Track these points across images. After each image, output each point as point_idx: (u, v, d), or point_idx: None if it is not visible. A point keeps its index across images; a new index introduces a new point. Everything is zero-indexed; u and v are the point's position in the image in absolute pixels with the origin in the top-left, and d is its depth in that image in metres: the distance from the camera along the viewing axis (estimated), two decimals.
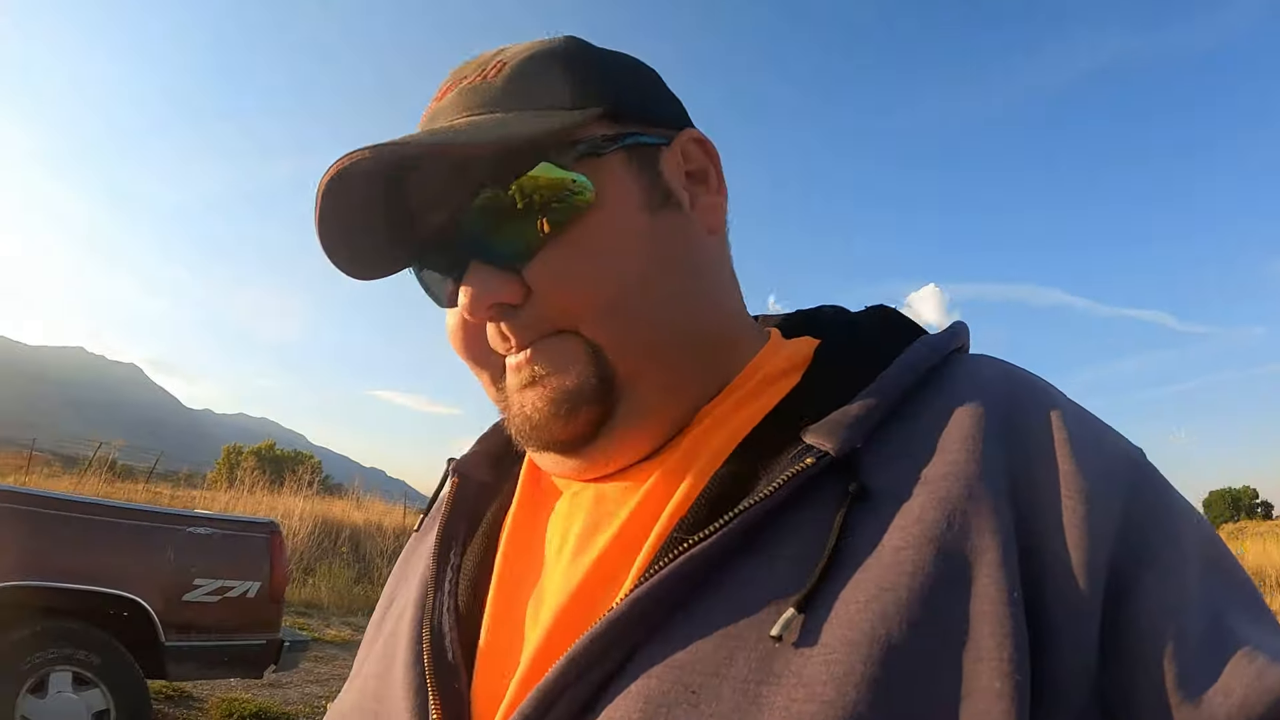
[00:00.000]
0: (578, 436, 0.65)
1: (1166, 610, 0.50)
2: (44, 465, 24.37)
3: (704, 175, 0.73)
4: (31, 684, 4.68)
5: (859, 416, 0.58)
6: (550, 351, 0.64)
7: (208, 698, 7.18)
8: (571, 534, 0.66)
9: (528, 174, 0.62)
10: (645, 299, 0.65)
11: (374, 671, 0.71)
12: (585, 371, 0.64)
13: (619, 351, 0.64)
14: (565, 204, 0.62)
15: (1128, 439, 0.62)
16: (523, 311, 0.64)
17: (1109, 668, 0.49)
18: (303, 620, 11.99)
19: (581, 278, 0.63)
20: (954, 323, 0.70)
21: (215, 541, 5.61)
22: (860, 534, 0.54)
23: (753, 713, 0.49)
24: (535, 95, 0.66)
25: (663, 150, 0.70)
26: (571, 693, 0.54)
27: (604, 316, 0.63)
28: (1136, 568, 0.52)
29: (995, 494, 0.54)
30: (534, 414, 0.65)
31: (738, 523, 0.55)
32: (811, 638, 0.50)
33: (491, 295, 0.63)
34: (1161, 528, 0.54)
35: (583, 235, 0.63)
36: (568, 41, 0.70)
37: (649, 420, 0.66)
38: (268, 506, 16.39)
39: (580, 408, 0.64)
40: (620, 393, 0.65)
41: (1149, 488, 0.57)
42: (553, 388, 0.64)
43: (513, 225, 0.63)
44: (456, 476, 0.79)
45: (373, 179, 0.64)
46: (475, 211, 0.63)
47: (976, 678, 0.47)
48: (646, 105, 0.71)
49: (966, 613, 0.49)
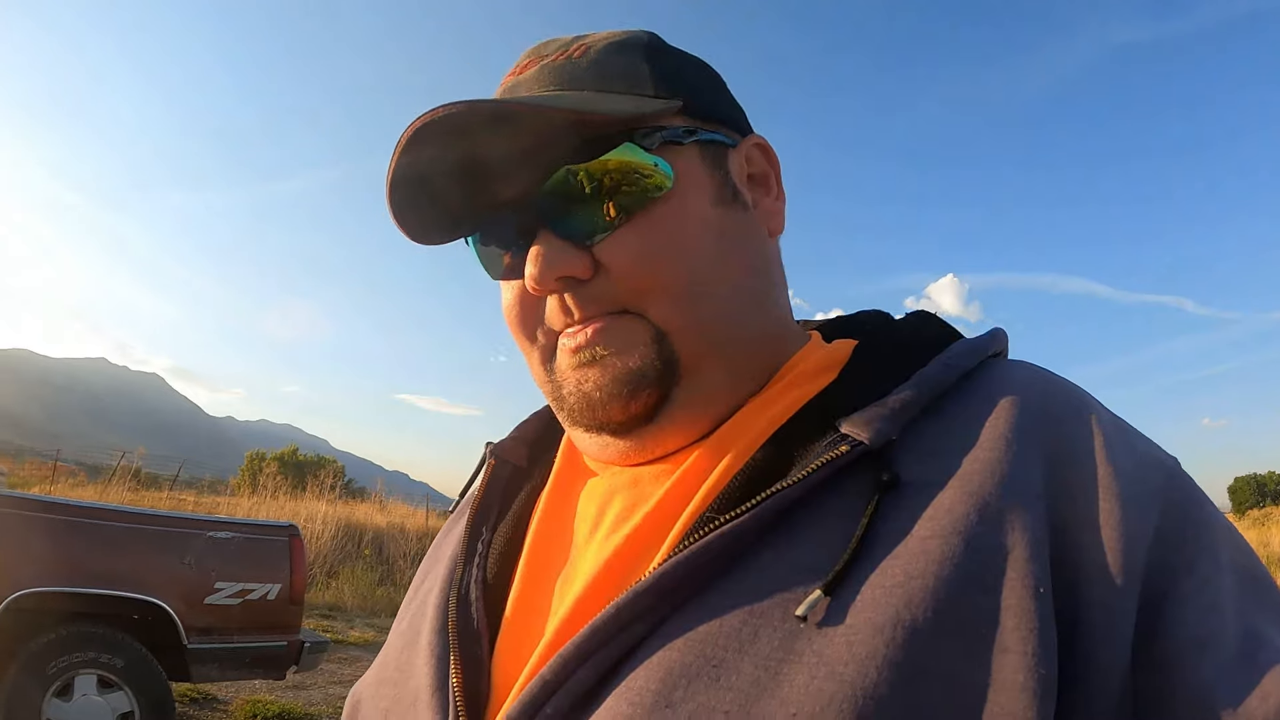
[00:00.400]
0: (634, 418, 0.66)
1: (1203, 617, 0.50)
2: (69, 475, 24.56)
3: (765, 180, 0.75)
4: (57, 687, 4.76)
5: (895, 409, 0.59)
6: (615, 331, 0.65)
7: (232, 699, 7.24)
8: (607, 513, 0.67)
9: (610, 154, 0.63)
10: (712, 288, 0.66)
11: (399, 643, 0.73)
12: (649, 354, 0.64)
13: (683, 337, 0.65)
14: (644, 187, 0.64)
15: (1162, 448, 0.62)
16: (590, 286, 0.65)
17: (1142, 670, 0.50)
18: (326, 622, 12.06)
19: (654, 259, 0.64)
20: (993, 328, 0.71)
21: (236, 545, 5.65)
22: (890, 522, 0.54)
23: (772, 688, 0.49)
24: (619, 80, 0.67)
25: (730, 151, 0.72)
26: (594, 660, 0.55)
27: (673, 301, 0.64)
28: (1173, 574, 0.52)
29: (1028, 492, 0.54)
30: (594, 392, 0.65)
31: (769, 504, 0.55)
32: (836, 619, 0.51)
33: (562, 267, 0.64)
34: (1197, 536, 0.55)
35: (658, 219, 0.64)
36: (649, 35, 0.72)
37: (703, 408, 0.67)
38: (290, 511, 16.45)
39: (641, 390, 0.64)
40: (680, 378, 0.65)
41: (1185, 496, 0.57)
42: (616, 367, 0.64)
43: (589, 202, 0.64)
44: (493, 459, 0.81)
45: (454, 137, 0.63)
46: (553, 186, 0.64)
47: (1001, 670, 0.48)
48: (718, 106, 0.72)
49: (994, 605, 0.50)
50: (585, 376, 0.66)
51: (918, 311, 0.76)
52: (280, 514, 15.55)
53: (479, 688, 0.62)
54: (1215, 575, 0.53)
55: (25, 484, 18.23)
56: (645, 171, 0.64)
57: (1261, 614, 0.53)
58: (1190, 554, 0.53)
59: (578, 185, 0.64)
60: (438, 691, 0.63)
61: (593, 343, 0.65)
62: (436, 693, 0.63)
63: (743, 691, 0.50)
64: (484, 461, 0.82)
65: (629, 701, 0.52)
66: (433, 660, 0.65)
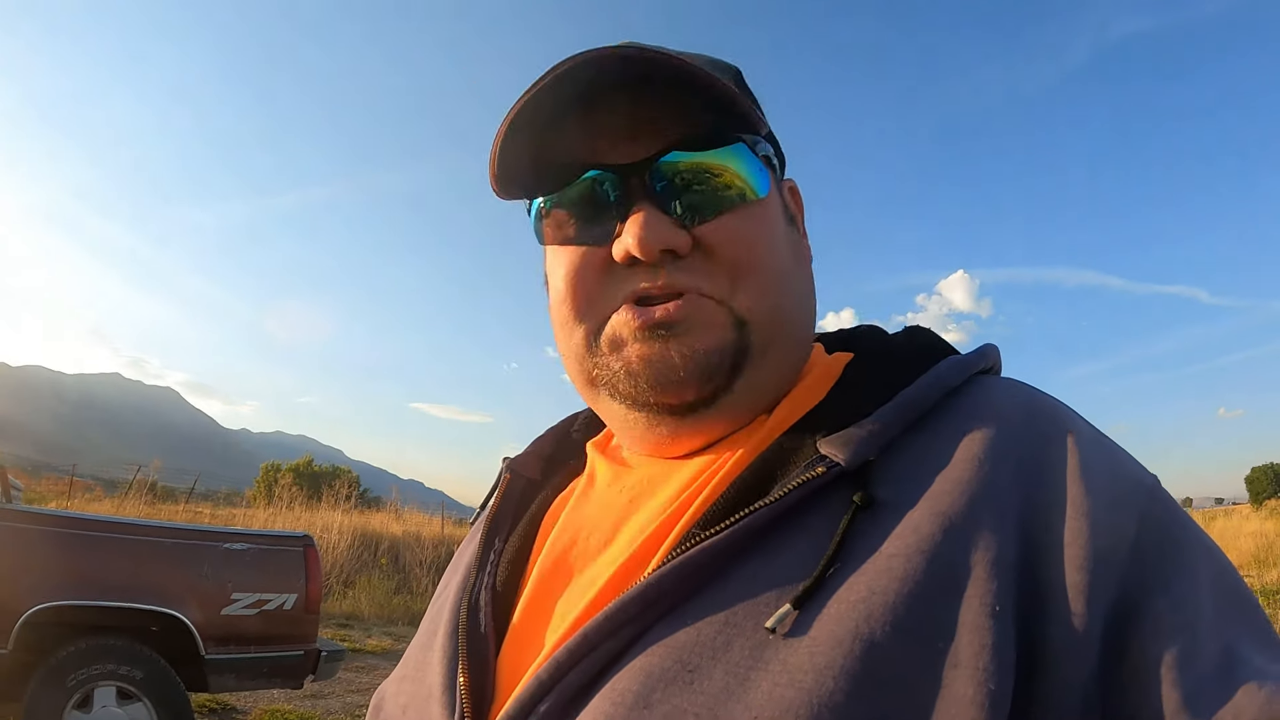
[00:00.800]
0: (700, 400, 0.68)
1: (1177, 636, 0.51)
2: (85, 490, 24.71)
3: (795, 220, 0.80)
4: (77, 699, 4.79)
5: (874, 431, 0.61)
6: (696, 308, 0.66)
7: (250, 709, 7.27)
8: (619, 528, 0.70)
9: (725, 148, 0.68)
10: (789, 288, 0.72)
11: (419, 644, 0.78)
12: (727, 336, 0.67)
13: (761, 327, 0.68)
14: (744, 187, 0.68)
15: (1143, 466, 0.63)
16: (685, 263, 0.67)
17: (1112, 689, 0.51)
18: (344, 632, 12.10)
19: (751, 248, 0.68)
20: (983, 345, 0.73)
21: (251, 556, 5.68)
22: (861, 541, 0.57)
23: (740, 693, 0.52)
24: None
25: (782, 185, 0.78)
26: (584, 663, 0.58)
27: (760, 291, 0.68)
28: (1146, 593, 0.53)
29: (997, 512, 0.56)
30: (667, 368, 0.66)
31: (746, 522, 0.59)
32: (801, 631, 0.53)
33: (667, 239, 0.66)
34: (1174, 556, 0.56)
35: (754, 217, 0.69)
36: (737, 68, 0.78)
37: (748, 403, 0.70)
38: (306, 522, 16.49)
39: (716, 373, 0.67)
40: (746, 367, 0.68)
41: (1162, 515, 0.58)
42: (693, 343, 0.66)
43: (700, 186, 0.67)
44: (509, 473, 0.86)
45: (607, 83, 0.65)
46: (672, 162, 0.67)
47: (951, 683, 0.50)
48: (778, 145, 0.78)
49: (950, 621, 0.52)
50: (664, 350, 0.67)
51: (913, 327, 0.78)
52: (296, 525, 15.59)
53: (484, 687, 0.66)
54: (1191, 594, 0.54)
55: (42, 499, 18.35)
56: (748, 174, 0.69)
57: (1239, 633, 0.53)
58: (1166, 573, 0.54)
59: (690, 169, 0.67)
60: (447, 690, 0.66)
61: (673, 319, 0.66)
62: (446, 691, 0.66)
63: (713, 696, 0.53)
64: (501, 475, 0.86)
65: (612, 702, 0.56)
66: (444, 661, 0.69)
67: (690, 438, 0.71)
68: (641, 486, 0.73)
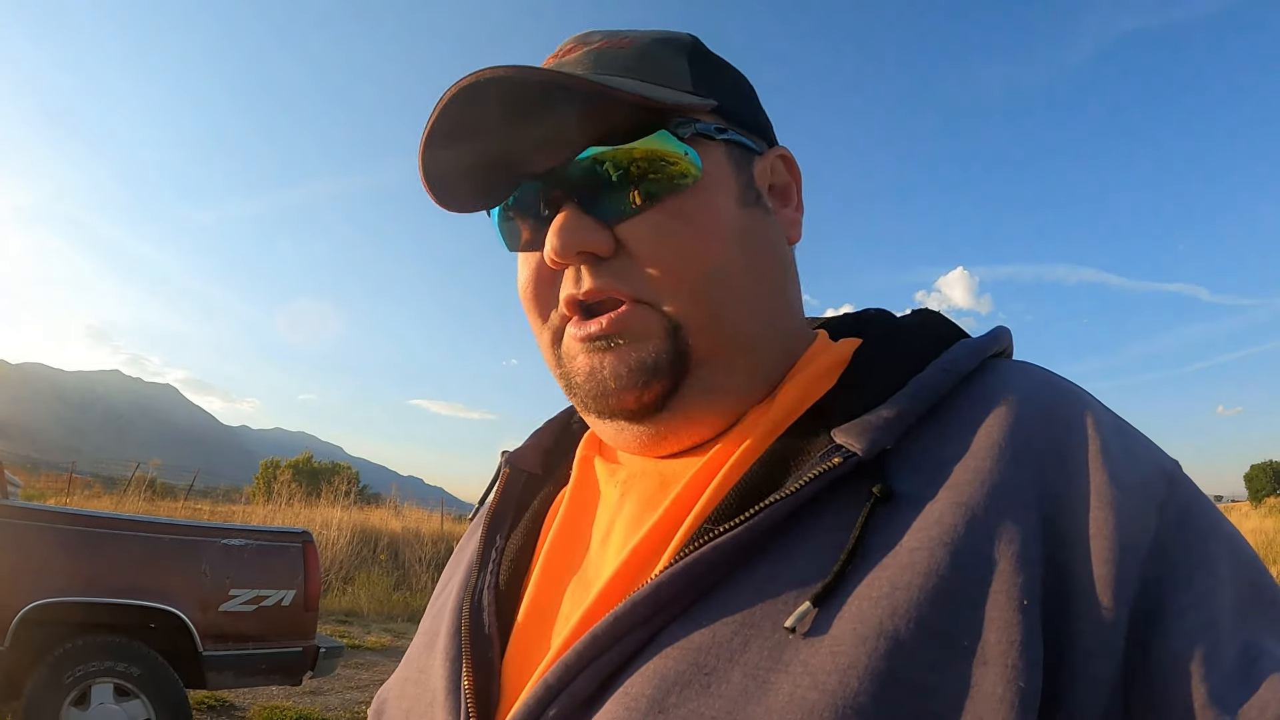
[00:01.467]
0: (646, 407, 0.66)
1: (1199, 632, 0.49)
2: (84, 487, 24.73)
3: (786, 191, 0.76)
4: (75, 696, 4.79)
5: (889, 419, 0.59)
6: (629, 321, 0.65)
7: (249, 706, 7.27)
8: (616, 523, 0.69)
9: (645, 138, 0.64)
10: (729, 284, 0.66)
11: (420, 645, 0.75)
12: (661, 346, 0.65)
13: (697, 331, 0.65)
14: (671, 174, 0.65)
15: (1164, 451, 0.61)
16: (609, 264, 0.65)
17: (1135, 686, 0.49)
18: (343, 628, 12.11)
19: (675, 247, 0.64)
20: (996, 327, 0.70)
21: (250, 552, 5.67)
22: (881, 534, 0.54)
23: (759, 697, 0.50)
24: (660, 74, 0.68)
25: (756, 157, 0.73)
26: (594, 666, 0.56)
27: (690, 293, 0.65)
28: (1169, 587, 0.51)
29: (1019, 502, 0.54)
30: (608, 380, 0.66)
31: (762, 517, 0.56)
32: (822, 630, 0.51)
33: (584, 241, 0.64)
34: (1196, 546, 0.54)
35: (682, 208, 0.65)
36: (692, 38, 0.74)
37: (713, 402, 0.67)
38: (306, 518, 16.54)
39: (653, 380, 0.65)
40: (689, 371, 0.66)
41: (1184, 505, 0.56)
42: (629, 357, 0.65)
43: (619, 182, 0.64)
44: (508, 468, 0.83)
45: (498, 101, 0.64)
46: (585, 161, 0.65)
47: (980, 682, 0.48)
48: (749, 113, 0.74)
49: (977, 618, 0.50)
50: (600, 363, 0.66)
51: (921, 310, 0.75)
52: (295, 521, 15.63)
53: (490, 690, 0.64)
54: (1214, 588, 0.52)
55: (41, 497, 18.36)
56: (674, 159, 0.65)
57: (1261, 626, 0.52)
58: (1188, 566, 0.52)
59: (608, 165, 0.64)
60: (451, 693, 0.65)
61: (607, 331, 0.65)
62: (450, 694, 0.65)
63: (731, 700, 0.51)
64: (500, 469, 0.84)
65: (625, 707, 0.53)
66: (448, 663, 0.67)
67: (663, 442, 0.69)
68: (642, 479, 0.70)
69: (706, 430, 0.68)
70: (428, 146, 0.66)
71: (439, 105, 0.63)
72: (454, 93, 0.61)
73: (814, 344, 0.74)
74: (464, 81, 0.60)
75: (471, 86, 0.61)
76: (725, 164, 0.69)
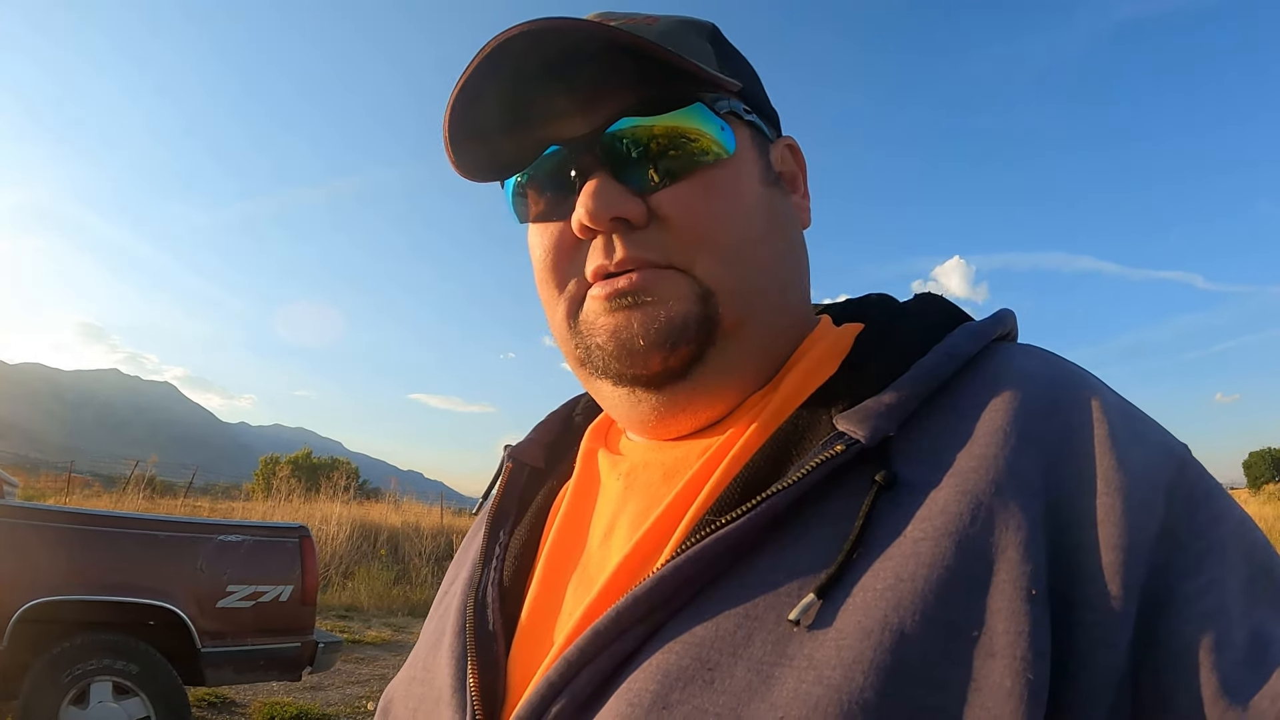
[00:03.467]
0: (671, 371, 0.65)
1: (1209, 620, 0.49)
2: (83, 487, 24.72)
3: (794, 179, 0.77)
4: (73, 695, 4.79)
5: (891, 405, 0.58)
6: (659, 280, 0.64)
7: (250, 702, 7.28)
8: (617, 516, 0.68)
9: (681, 110, 0.64)
10: (757, 258, 0.67)
11: (427, 644, 0.75)
12: (691, 308, 0.64)
13: (726, 298, 0.65)
14: (706, 148, 0.65)
15: (1172, 435, 0.60)
16: (642, 233, 0.64)
17: (1145, 671, 0.48)
18: (343, 623, 12.13)
19: (709, 217, 0.64)
20: (1000, 310, 0.69)
21: (247, 548, 5.66)
22: (885, 523, 0.54)
23: (763, 692, 0.49)
24: (686, 52, 0.67)
25: (770, 144, 0.74)
26: (597, 663, 0.56)
27: (722, 261, 0.64)
28: (1178, 574, 0.50)
29: (1024, 489, 0.53)
30: (635, 338, 0.64)
31: (765, 507, 0.55)
32: (827, 623, 0.50)
33: (618, 207, 0.63)
34: (1206, 531, 0.53)
35: (715, 180, 0.65)
36: (712, 24, 0.75)
37: (732, 375, 0.67)
38: (305, 514, 16.55)
39: (681, 342, 0.64)
40: (716, 340, 0.65)
41: (1194, 489, 0.55)
42: (656, 313, 0.64)
43: (653, 152, 0.64)
44: (511, 462, 0.82)
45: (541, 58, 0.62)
46: (621, 130, 0.64)
47: (987, 674, 0.47)
48: (764, 101, 0.75)
49: (982, 608, 0.49)
50: (627, 320, 0.65)
51: (923, 294, 0.75)
52: (295, 517, 15.63)
53: (495, 687, 0.63)
54: (1224, 573, 0.51)
55: (40, 496, 18.35)
56: (710, 134, 0.65)
57: (1273, 612, 0.51)
58: (1197, 552, 0.52)
59: (644, 134, 0.64)
60: (457, 691, 0.64)
61: (636, 288, 0.64)
62: (456, 692, 0.64)
63: (735, 695, 0.50)
64: (503, 464, 0.83)
65: (628, 703, 0.53)
66: (453, 661, 0.67)
67: (678, 417, 0.68)
68: (645, 471, 0.70)
69: (718, 409, 0.68)
70: (458, 101, 0.64)
71: (480, 54, 0.61)
72: (499, 43, 0.60)
73: (816, 329, 0.74)
74: (511, 32, 0.59)
75: (519, 37, 0.59)
76: (750, 144, 0.69)
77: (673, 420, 0.69)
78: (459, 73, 0.62)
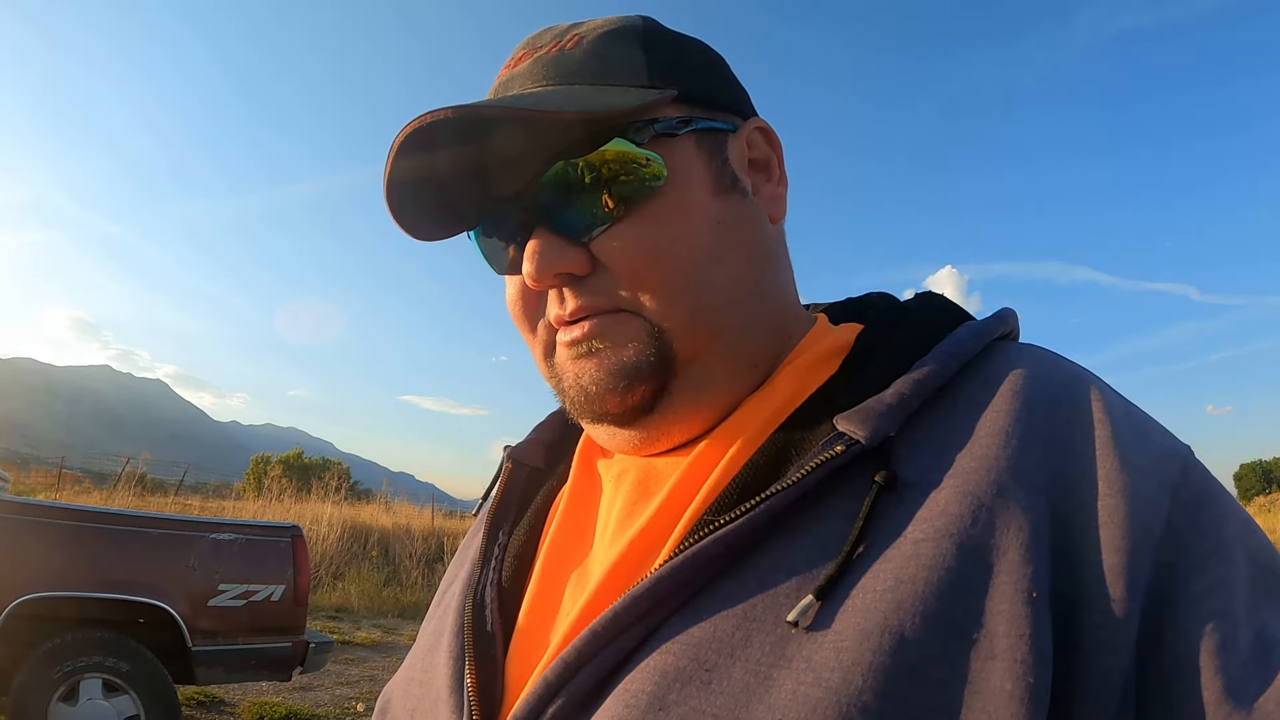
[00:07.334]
0: (632, 409, 0.66)
1: (1214, 622, 0.48)
2: (74, 483, 24.62)
3: (767, 164, 0.74)
4: (63, 692, 4.77)
5: (892, 405, 0.57)
6: (610, 326, 0.64)
7: (239, 702, 7.24)
8: (614, 516, 0.68)
9: (603, 149, 0.62)
10: (710, 281, 0.65)
11: (425, 645, 0.75)
12: (644, 349, 0.64)
13: (681, 332, 0.64)
14: (637, 181, 0.63)
15: (1175, 436, 0.59)
16: (587, 282, 0.64)
17: (1149, 673, 0.48)
18: (333, 624, 12.07)
19: (649, 254, 0.63)
20: (1001, 309, 0.69)
21: (239, 547, 5.64)
22: (885, 524, 0.53)
23: (761, 694, 0.49)
24: (612, 71, 0.66)
25: (730, 137, 0.70)
26: (594, 663, 0.56)
27: (669, 297, 0.63)
28: (1182, 575, 0.50)
29: (1027, 489, 0.53)
30: (590, 385, 0.65)
31: (764, 507, 0.55)
32: (826, 624, 0.50)
33: (558, 264, 0.63)
34: (1210, 532, 0.53)
35: (653, 213, 0.63)
36: (645, 21, 0.71)
37: (704, 398, 0.66)
38: (296, 514, 16.46)
39: (636, 383, 0.64)
40: (677, 371, 0.65)
41: (1197, 490, 0.55)
42: (610, 361, 0.64)
43: (584, 198, 0.63)
44: (510, 463, 0.82)
45: (448, 140, 0.63)
46: (548, 181, 0.64)
47: (987, 677, 0.47)
48: (717, 91, 0.71)
49: (983, 610, 0.49)
50: (582, 369, 0.65)
51: (924, 293, 0.74)
52: (286, 517, 15.54)
53: (493, 688, 0.63)
54: (1228, 576, 0.51)
55: (31, 492, 18.25)
56: (639, 166, 0.63)
57: (1277, 614, 0.51)
58: (1201, 553, 0.51)
59: (573, 180, 0.63)
60: (455, 691, 0.64)
61: (589, 335, 0.64)
62: (454, 693, 0.64)
63: (733, 696, 0.50)
64: (502, 465, 0.83)
65: (625, 704, 0.53)
66: (451, 662, 0.67)
67: (659, 440, 0.68)
68: (642, 472, 0.69)
69: (700, 424, 0.67)
70: (390, 191, 0.66)
71: (391, 154, 0.62)
72: (402, 140, 0.61)
73: (813, 329, 0.73)
74: (408, 128, 0.60)
75: (417, 132, 0.60)
76: (694, 155, 0.66)
77: (654, 444, 0.69)
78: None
